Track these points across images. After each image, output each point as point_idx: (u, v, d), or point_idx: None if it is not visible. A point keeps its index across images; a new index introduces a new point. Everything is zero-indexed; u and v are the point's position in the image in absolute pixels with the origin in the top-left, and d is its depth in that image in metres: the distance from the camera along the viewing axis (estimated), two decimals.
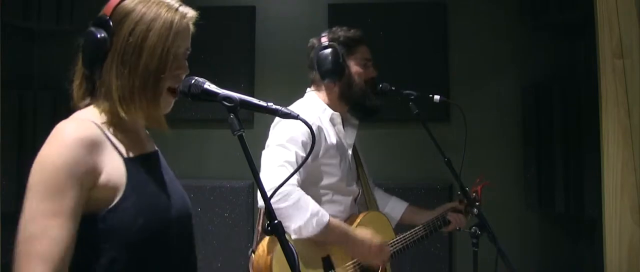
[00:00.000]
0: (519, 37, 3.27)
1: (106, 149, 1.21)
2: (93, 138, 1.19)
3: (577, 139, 2.94)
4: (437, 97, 2.28)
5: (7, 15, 2.86)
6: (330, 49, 2.17)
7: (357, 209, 2.29)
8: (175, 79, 1.29)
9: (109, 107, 1.25)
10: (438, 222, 2.33)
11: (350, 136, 2.29)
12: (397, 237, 2.24)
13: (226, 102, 1.24)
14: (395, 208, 2.46)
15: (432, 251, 3.21)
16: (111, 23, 1.24)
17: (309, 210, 1.93)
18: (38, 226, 1.10)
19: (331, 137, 2.16)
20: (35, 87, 3.27)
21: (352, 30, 2.25)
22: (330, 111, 2.21)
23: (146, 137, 1.38)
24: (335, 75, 2.18)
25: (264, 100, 1.28)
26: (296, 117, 1.26)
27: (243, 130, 1.23)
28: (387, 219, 2.33)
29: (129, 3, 1.26)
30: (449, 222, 2.35)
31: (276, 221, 1.23)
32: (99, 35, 1.24)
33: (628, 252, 2.21)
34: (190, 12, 1.32)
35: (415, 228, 2.29)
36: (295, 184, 1.95)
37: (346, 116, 2.29)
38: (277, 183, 1.34)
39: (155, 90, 1.26)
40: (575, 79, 3.07)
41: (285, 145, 2.01)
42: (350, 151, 2.27)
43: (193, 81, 1.27)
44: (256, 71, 3.42)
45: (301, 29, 3.22)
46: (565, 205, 3.01)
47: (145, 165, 1.29)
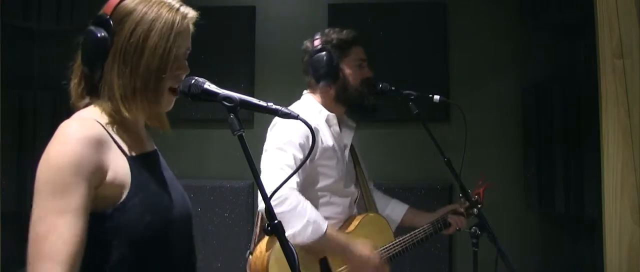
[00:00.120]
0: (519, 37, 3.27)
1: (111, 147, 1.21)
2: (98, 136, 1.19)
3: (577, 139, 2.94)
4: (437, 97, 2.27)
5: (7, 15, 2.86)
6: (323, 53, 2.17)
7: (355, 211, 2.28)
8: (176, 79, 1.29)
9: (111, 106, 1.24)
10: (438, 225, 2.32)
11: (347, 137, 2.28)
12: (396, 240, 2.23)
13: (226, 102, 1.24)
14: (395, 210, 2.45)
15: (432, 251, 3.20)
16: (112, 22, 1.24)
17: (306, 217, 1.92)
18: (47, 225, 1.10)
19: (327, 139, 2.16)
20: (35, 87, 3.27)
21: (345, 32, 2.23)
22: (326, 112, 2.20)
23: (146, 137, 1.38)
24: (329, 78, 2.18)
25: (264, 100, 1.28)
26: (296, 117, 1.25)
27: (243, 130, 1.22)
28: (386, 221, 2.31)
29: (129, 3, 1.26)
30: (449, 224, 2.33)
31: (276, 221, 1.23)
32: (100, 35, 1.24)
33: (628, 252, 2.21)
34: (191, 13, 1.32)
35: (414, 231, 2.28)
36: (295, 187, 1.95)
37: (343, 118, 2.29)
38: (275, 187, 1.33)
39: (157, 90, 1.26)
40: (575, 79, 3.07)
41: (283, 148, 2.01)
42: (347, 152, 2.26)
43: (193, 81, 1.26)
44: (256, 71, 3.42)
45: (301, 29, 3.19)
46: (565, 205, 3.01)
47: (147, 164, 1.29)
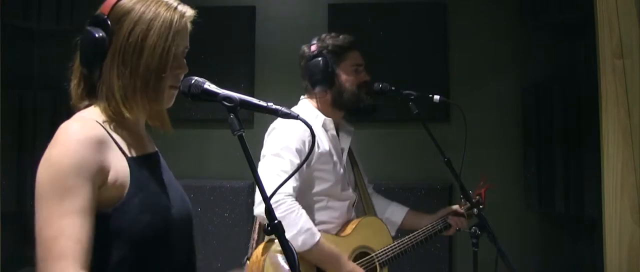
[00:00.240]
0: (519, 37, 3.26)
1: (111, 147, 1.21)
2: (99, 137, 1.19)
3: (577, 139, 2.94)
4: (437, 97, 2.27)
5: (7, 15, 2.86)
6: (319, 58, 2.17)
7: (353, 215, 2.28)
8: (175, 78, 1.29)
9: (111, 107, 1.24)
10: (438, 226, 2.32)
11: (345, 142, 2.28)
12: (395, 242, 2.23)
13: (226, 102, 1.24)
14: (395, 213, 2.44)
15: (432, 251, 3.20)
16: (109, 22, 1.24)
17: (298, 226, 1.92)
18: (54, 228, 1.09)
19: (324, 144, 2.15)
20: (35, 87, 3.27)
21: (341, 37, 2.23)
22: (322, 117, 2.20)
23: (147, 138, 1.37)
24: (325, 83, 2.18)
25: (264, 100, 1.27)
26: (296, 117, 1.25)
27: (243, 130, 1.22)
28: (384, 224, 2.30)
29: (126, 2, 1.25)
30: (449, 225, 2.33)
31: (276, 221, 1.23)
32: (97, 35, 1.23)
33: (628, 252, 2.21)
34: (189, 11, 1.31)
35: (414, 232, 2.27)
36: (292, 192, 1.95)
37: (341, 122, 2.29)
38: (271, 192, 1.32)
39: (157, 90, 1.25)
40: (575, 79, 3.07)
41: (280, 154, 2.01)
42: (345, 156, 2.26)
43: (193, 81, 1.26)
44: (256, 71, 3.42)
45: (301, 29, 3.22)
46: (565, 205, 3.01)
47: (147, 165, 1.29)
